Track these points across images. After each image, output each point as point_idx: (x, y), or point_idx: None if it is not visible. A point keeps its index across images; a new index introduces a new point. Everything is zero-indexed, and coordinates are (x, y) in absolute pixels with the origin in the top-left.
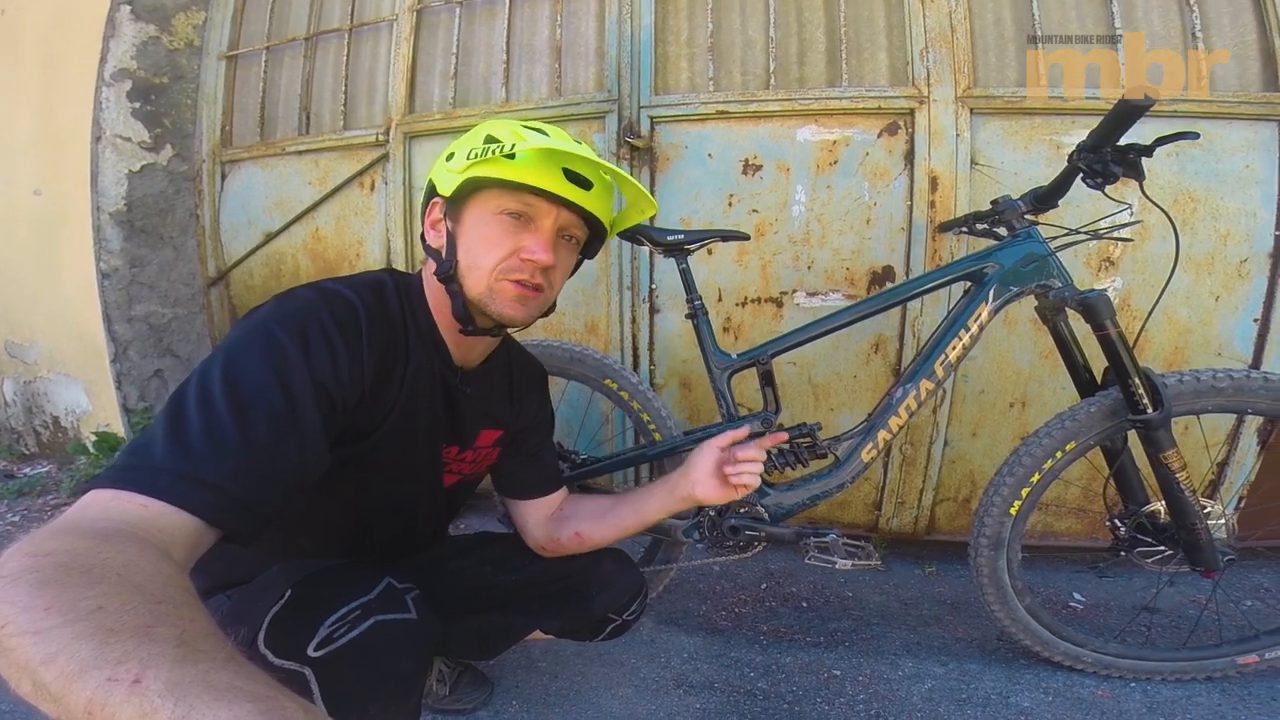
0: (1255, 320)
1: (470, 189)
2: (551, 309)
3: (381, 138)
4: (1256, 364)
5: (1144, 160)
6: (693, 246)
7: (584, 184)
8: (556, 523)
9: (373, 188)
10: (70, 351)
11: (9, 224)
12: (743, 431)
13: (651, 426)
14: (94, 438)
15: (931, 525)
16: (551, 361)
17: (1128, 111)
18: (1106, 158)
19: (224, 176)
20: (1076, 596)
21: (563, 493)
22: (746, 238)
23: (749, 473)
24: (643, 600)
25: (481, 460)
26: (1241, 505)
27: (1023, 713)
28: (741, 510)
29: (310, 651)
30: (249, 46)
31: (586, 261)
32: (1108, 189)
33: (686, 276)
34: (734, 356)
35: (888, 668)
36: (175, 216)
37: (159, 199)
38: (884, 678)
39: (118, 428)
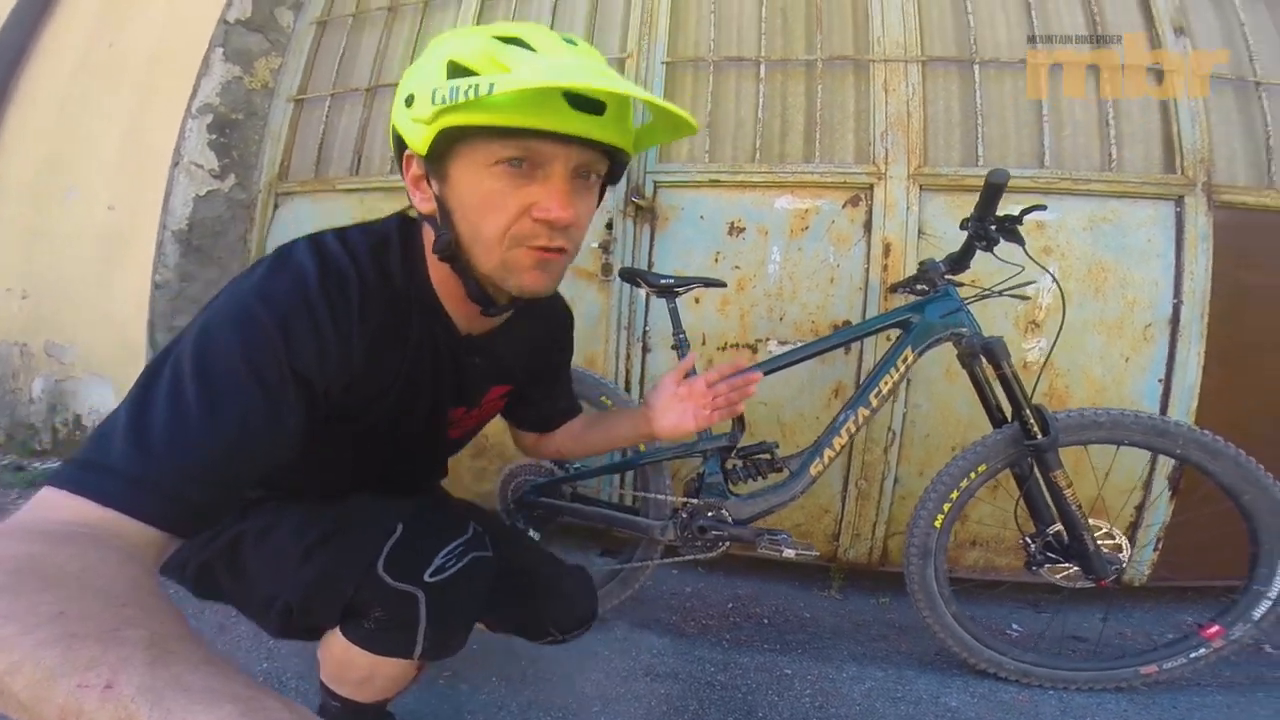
0: (1160, 380)
1: (451, 139)
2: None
3: None
4: None
5: (1041, 230)
6: (680, 290)
7: (596, 108)
8: (545, 438)
9: None
10: (109, 354)
11: (77, 234)
12: (688, 361)
13: None
14: None
15: (884, 557)
16: None
17: (992, 186)
18: (989, 226)
19: (277, 207)
20: (1014, 626)
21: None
22: (724, 284)
23: (715, 407)
24: (587, 628)
25: (487, 412)
26: (1160, 546)
27: (950, 711)
28: (709, 514)
29: (426, 578)
30: (316, 92)
31: (590, 302)
32: (996, 250)
33: (674, 315)
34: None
35: (833, 670)
36: (227, 239)
37: (216, 222)
38: (829, 678)
39: None
